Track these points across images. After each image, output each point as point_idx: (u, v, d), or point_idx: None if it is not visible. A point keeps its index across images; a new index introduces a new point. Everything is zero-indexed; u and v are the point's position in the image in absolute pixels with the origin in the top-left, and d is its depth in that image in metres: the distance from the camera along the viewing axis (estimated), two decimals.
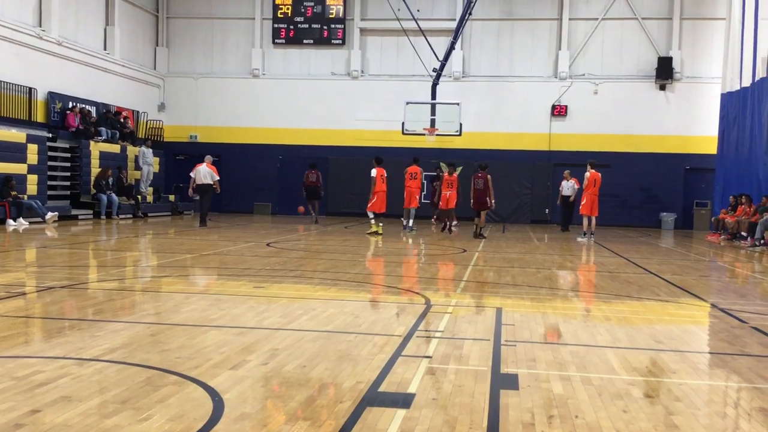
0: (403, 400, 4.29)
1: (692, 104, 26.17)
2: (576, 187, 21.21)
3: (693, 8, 26.42)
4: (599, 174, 18.67)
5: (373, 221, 18.69)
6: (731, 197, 21.50)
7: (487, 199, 18.00)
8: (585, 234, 18.72)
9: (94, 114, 23.89)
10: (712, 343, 6.70)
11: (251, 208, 27.79)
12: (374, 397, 4.35)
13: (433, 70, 23.95)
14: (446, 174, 19.32)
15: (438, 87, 24.07)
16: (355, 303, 8.04)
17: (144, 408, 3.99)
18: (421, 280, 10.51)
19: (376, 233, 18.28)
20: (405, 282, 10.09)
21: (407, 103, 23.17)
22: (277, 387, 4.60)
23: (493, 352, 5.64)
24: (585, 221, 18.79)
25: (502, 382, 4.79)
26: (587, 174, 18.68)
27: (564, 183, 22.00)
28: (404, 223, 20.36)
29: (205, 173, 19.56)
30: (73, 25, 23.63)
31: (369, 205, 18.73)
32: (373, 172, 18.80)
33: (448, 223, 19.55)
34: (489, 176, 18.14)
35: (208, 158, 20.11)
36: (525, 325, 6.81)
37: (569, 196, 21.85)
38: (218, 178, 19.88)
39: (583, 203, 18.81)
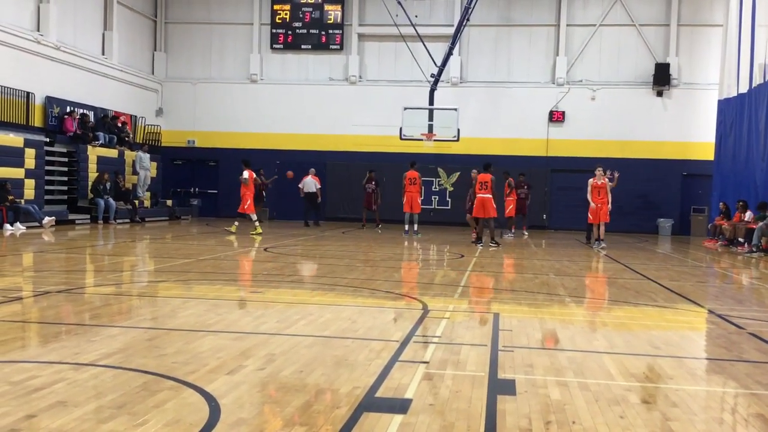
0: (400, 406, 4.28)
1: (689, 110, 26.23)
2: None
3: (690, 15, 26.50)
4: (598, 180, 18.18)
5: (256, 222, 19.21)
6: (721, 204, 21.53)
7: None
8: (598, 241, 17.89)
9: (91, 119, 23.87)
10: (710, 349, 6.70)
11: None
12: (371, 403, 4.34)
13: (431, 76, 23.98)
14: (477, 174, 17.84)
15: (436, 92, 24.09)
16: (352, 308, 8.03)
17: (140, 413, 3.97)
18: (418, 286, 10.50)
19: (260, 234, 18.76)
20: (402, 287, 10.07)
21: (405, 109, 23.19)
22: (274, 392, 4.59)
23: (491, 357, 5.64)
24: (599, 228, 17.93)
25: (500, 387, 4.78)
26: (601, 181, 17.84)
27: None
28: (406, 228, 20.36)
29: (310, 184, 23.53)
30: (71, 30, 23.63)
31: (243, 208, 19.11)
32: (246, 174, 19.09)
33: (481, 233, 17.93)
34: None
35: (312, 171, 23.84)
36: (522, 331, 6.80)
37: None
38: (320, 186, 23.79)
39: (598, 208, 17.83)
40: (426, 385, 4.78)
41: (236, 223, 19.67)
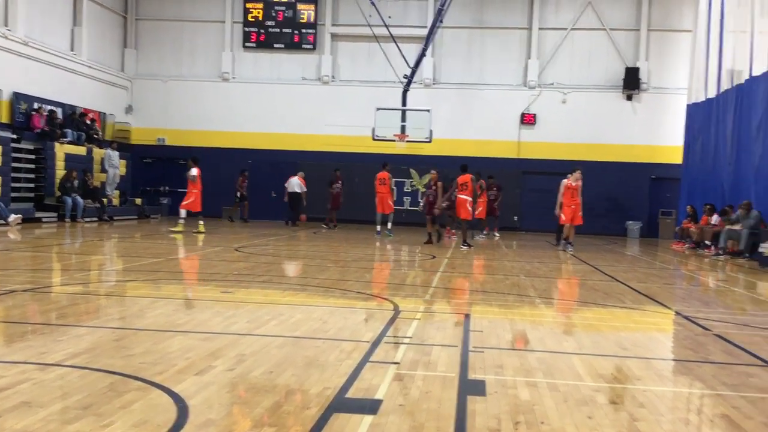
0: (370, 406, 4.27)
1: (658, 114, 26.58)
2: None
3: (660, 20, 26.86)
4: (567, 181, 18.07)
5: (182, 221, 19.00)
6: (688, 207, 21.85)
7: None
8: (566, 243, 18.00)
9: (60, 115, 23.55)
10: (677, 351, 6.79)
11: (219, 212, 27.58)
12: (341, 403, 4.33)
13: (404, 77, 24.01)
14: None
15: (408, 93, 24.13)
16: (323, 308, 8.01)
17: (107, 414, 3.92)
18: (389, 286, 10.50)
19: (181, 233, 18.40)
20: (374, 288, 10.06)
21: (378, 109, 23.19)
22: (244, 393, 4.55)
23: (461, 358, 5.65)
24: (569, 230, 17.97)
25: (470, 388, 4.79)
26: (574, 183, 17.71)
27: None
28: (378, 228, 20.38)
29: (294, 184, 23.94)
30: (40, 25, 23.28)
31: (185, 203, 19.02)
32: (194, 171, 19.10)
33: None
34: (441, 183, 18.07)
35: (301, 174, 24.37)
36: (493, 332, 6.83)
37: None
38: (305, 189, 24.09)
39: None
40: (396, 385, 4.78)
41: (201, 223, 19.38)
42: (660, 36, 26.90)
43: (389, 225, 20.36)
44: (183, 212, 19.25)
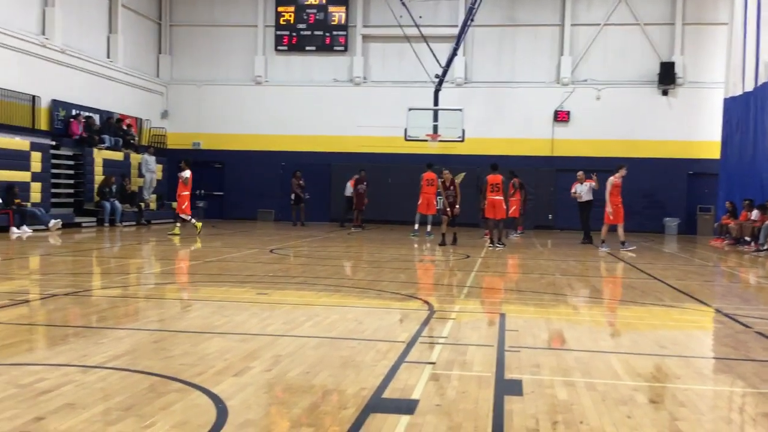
0: (407, 407, 4.28)
1: (695, 109, 26.17)
2: (595, 188, 19.37)
3: (695, 13, 26.44)
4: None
5: (179, 224, 19.18)
6: (727, 202, 21.48)
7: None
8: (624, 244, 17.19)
9: (97, 122, 23.93)
10: (717, 348, 6.69)
11: (254, 215, 27.82)
12: (378, 404, 4.34)
13: (435, 77, 23.97)
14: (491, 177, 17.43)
15: (440, 93, 24.08)
16: (358, 309, 8.04)
17: (148, 415, 3.99)
18: (424, 286, 10.50)
19: (175, 234, 18.75)
20: (408, 288, 10.07)
21: (410, 110, 23.17)
22: (281, 393, 4.59)
23: (497, 358, 5.63)
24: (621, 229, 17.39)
25: (506, 388, 4.78)
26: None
27: (578, 186, 19.91)
28: (416, 228, 20.27)
29: (348, 188, 24.23)
30: (77, 34, 23.69)
31: (183, 208, 19.17)
32: (187, 174, 19.16)
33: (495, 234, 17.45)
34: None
35: (355, 176, 23.84)
36: (529, 331, 6.80)
37: (590, 201, 19.55)
38: (355, 191, 23.79)
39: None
40: (432, 385, 4.78)
41: (197, 222, 19.53)
42: (695, 30, 26.47)
43: (429, 227, 20.14)
44: (186, 216, 19.47)
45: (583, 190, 19.70)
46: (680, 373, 5.40)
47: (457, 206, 17.40)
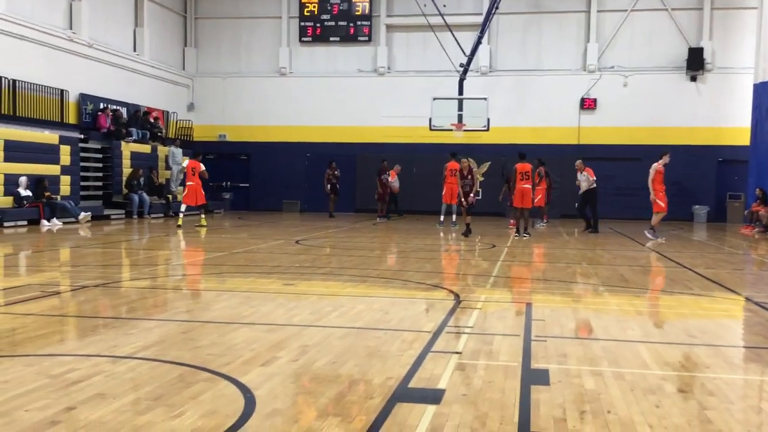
0: (433, 396, 4.29)
1: (724, 95, 25.77)
2: (591, 178, 19.38)
3: None
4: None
5: (182, 214, 18.93)
6: (758, 189, 21.15)
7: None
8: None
9: (124, 115, 24.18)
10: (747, 337, 6.61)
11: (280, 206, 27.94)
12: (404, 393, 4.35)
13: (459, 66, 23.85)
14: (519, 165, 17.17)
15: (465, 82, 23.96)
16: (384, 299, 8.05)
17: (177, 404, 4.03)
18: (449, 276, 10.49)
19: (202, 226, 18.63)
20: (434, 278, 10.07)
21: (434, 99, 23.10)
22: (308, 383, 4.62)
23: (524, 347, 5.62)
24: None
25: (533, 377, 4.76)
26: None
27: (578, 175, 19.80)
28: (441, 218, 20.21)
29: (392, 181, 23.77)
30: (103, 27, 23.91)
31: (200, 198, 18.89)
32: (185, 163, 19.04)
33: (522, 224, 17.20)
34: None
35: (396, 167, 23.42)
36: (555, 321, 6.77)
37: (592, 190, 19.48)
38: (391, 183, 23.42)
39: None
40: (459, 375, 4.78)
41: (202, 215, 19.52)
42: (724, 14, 26.03)
43: (454, 217, 20.04)
44: (183, 207, 19.15)
45: (582, 179, 19.62)
46: (709, 362, 5.34)
47: (472, 195, 17.26)
